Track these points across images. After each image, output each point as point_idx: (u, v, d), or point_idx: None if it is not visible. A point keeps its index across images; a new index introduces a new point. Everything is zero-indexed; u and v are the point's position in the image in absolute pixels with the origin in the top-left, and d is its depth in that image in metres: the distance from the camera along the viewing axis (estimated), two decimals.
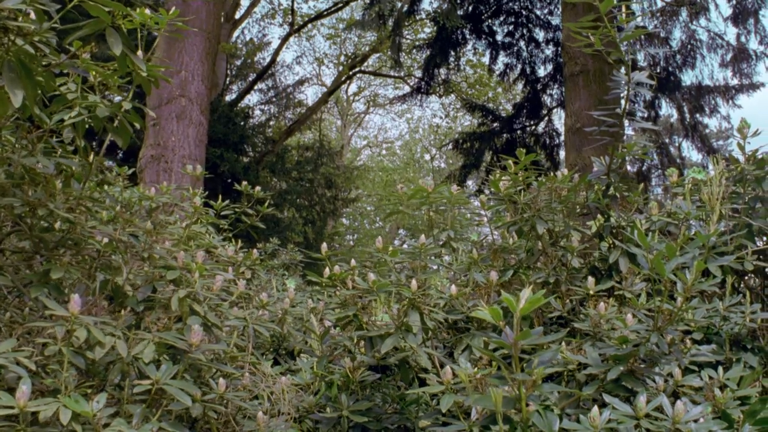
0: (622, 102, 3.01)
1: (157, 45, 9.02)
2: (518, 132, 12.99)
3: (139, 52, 2.13)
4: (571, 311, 2.48)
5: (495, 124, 12.99)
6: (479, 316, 1.32)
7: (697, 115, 12.08)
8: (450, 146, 13.14)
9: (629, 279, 2.49)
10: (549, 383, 1.53)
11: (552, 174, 2.69)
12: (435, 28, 12.04)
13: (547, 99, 12.86)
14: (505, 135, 12.91)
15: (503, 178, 2.67)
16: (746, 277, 2.97)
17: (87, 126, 2.37)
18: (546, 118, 12.95)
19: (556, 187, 2.70)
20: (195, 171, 8.66)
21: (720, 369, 2.35)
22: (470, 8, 12.08)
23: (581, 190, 2.74)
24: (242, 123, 14.87)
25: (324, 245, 2.72)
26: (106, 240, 2.14)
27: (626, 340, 1.96)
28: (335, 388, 2.21)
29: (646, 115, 12.55)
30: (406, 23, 15.43)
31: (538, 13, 12.47)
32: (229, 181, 14.66)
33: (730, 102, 11.91)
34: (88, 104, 2.16)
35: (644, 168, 12.22)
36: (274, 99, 18.96)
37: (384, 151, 27.13)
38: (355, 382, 2.41)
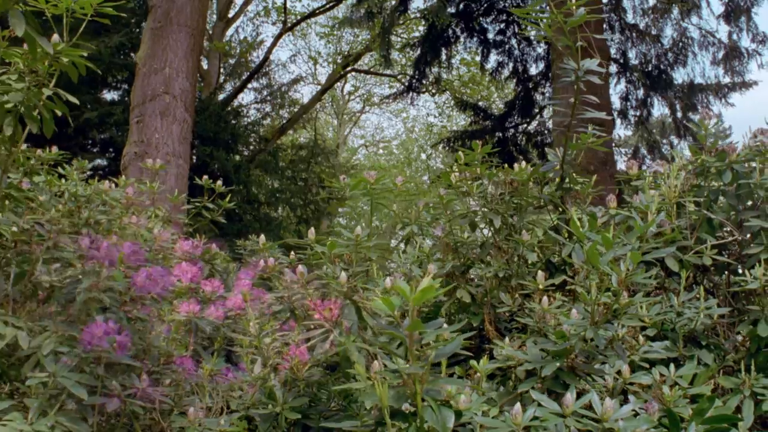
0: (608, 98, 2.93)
1: (142, 41, 8.98)
2: (510, 130, 12.91)
3: (55, 37, 2.05)
4: (522, 306, 2.40)
5: (487, 123, 12.92)
6: (374, 307, 1.25)
7: (690, 114, 12.00)
8: (441, 145, 13.05)
9: (582, 273, 2.42)
10: (449, 378, 1.45)
11: (506, 167, 2.62)
12: (426, 25, 11.97)
13: (539, 97, 12.78)
14: (497, 134, 12.84)
15: (455, 170, 2.60)
16: (711, 273, 2.89)
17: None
18: (538, 117, 12.88)
19: (512, 180, 2.63)
20: (179, 169, 8.63)
21: (672, 366, 2.28)
22: (461, 6, 12.00)
23: (541, 183, 2.67)
24: (233, 121, 14.80)
25: (311, 230, 2.65)
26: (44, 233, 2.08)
27: (564, 336, 1.89)
28: (270, 385, 2.14)
29: (638, 114, 12.49)
30: (399, 21, 15.38)
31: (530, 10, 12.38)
32: (223, 180, 14.61)
33: (723, 100, 11.83)
34: (4, 89, 2.08)
35: None
36: (268, 98, 18.90)
37: (381, 151, 27.06)
38: (301, 380, 2.34)
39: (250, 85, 18.45)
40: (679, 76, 11.58)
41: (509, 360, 2.08)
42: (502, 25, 12.52)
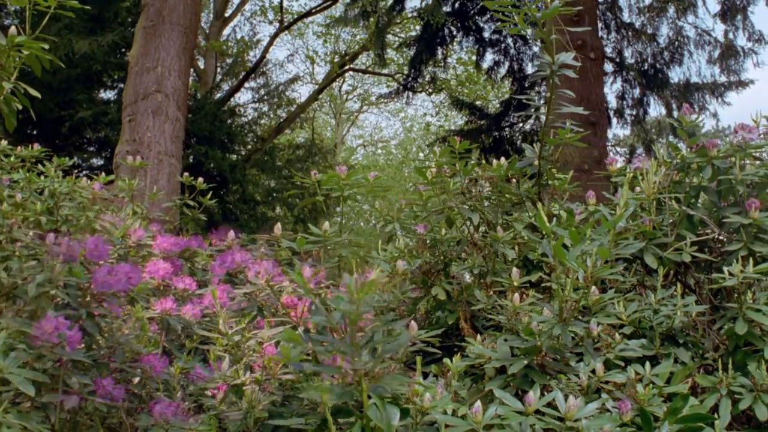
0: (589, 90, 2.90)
1: (135, 40, 8.95)
2: (506, 130, 12.87)
3: (12, 29, 2.01)
4: (496, 304, 2.37)
5: (482, 122, 12.88)
6: (322, 303, 1.22)
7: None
8: (437, 144, 13.00)
9: (558, 270, 2.38)
10: (398, 375, 1.42)
11: (484, 162, 2.58)
12: (421, 24, 11.93)
13: (535, 96, 12.73)
14: (493, 133, 12.80)
15: (431, 166, 2.57)
16: (693, 271, 2.85)
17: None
18: (534, 116, 12.83)
19: (491, 176, 2.60)
20: (171, 168, 8.59)
21: (647, 364, 2.25)
22: (457, 5, 11.97)
23: (518, 179, 2.63)
24: (229, 121, 14.77)
25: (278, 226, 2.62)
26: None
27: (532, 333, 1.85)
28: (240, 383, 2.10)
29: (634, 113, 12.45)
30: (397, 21, 15.34)
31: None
32: (218, 179, 14.58)
33: (720, 99, 11.79)
34: None
35: None
36: (266, 97, 18.86)
37: (380, 150, 27.02)
38: (274, 378, 2.31)
39: (247, 85, 18.42)
40: (675, 75, 11.57)
41: (480, 358, 2.05)
42: (498, 23, 12.48)
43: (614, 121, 12.49)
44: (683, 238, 2.60)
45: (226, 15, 16.88)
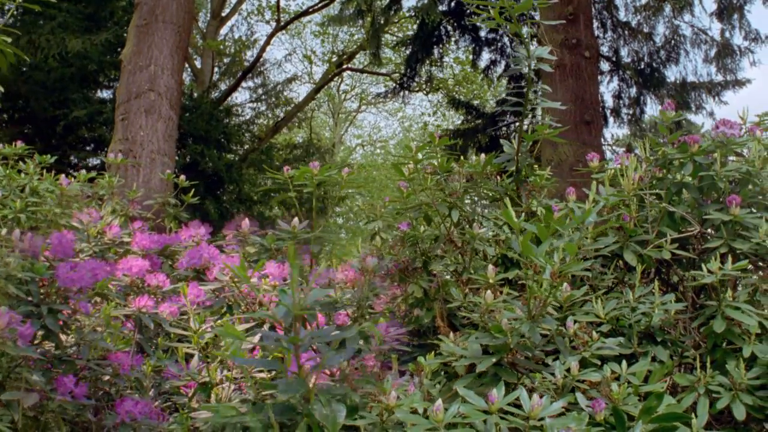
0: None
1: (128, 39, 8.92)
2: (503, 129, 12.83)
3: None
4: (469, 301, 2.33)
5: (479, 121, 12.84)
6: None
7: (683, 112, 11.91)
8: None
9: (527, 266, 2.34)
10: (369, 377, 1.39)
11: (462, 159, 2.55)
12: (417, 23, 11.90)
13: (531, 95, 12.67)
14: (489, 132, 12.76)
15: (408, 162, 2.53)
16: (675, 268, 2.82)
17: None
18: (531, 115, 12.78)
19: (468, 172, 2.57)
20: (164, 166, 8.56)
21: (624, 363, 2.21)
22: (452, 4, 11.93)
23: (496, 175, 2.60)
24: (226, 120, 14.75)
25: (245, 222, 2.58)
26: None
27: (501, 330, 1.82)
28: (208, 384, 2.07)
29: (631, 113, 12.41)
30: (395, 20, 15.31)
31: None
32: (214, 178, 14.56)
33: (716, 98, 11.75)
34: None
35: None
36: (263, 97, 18.83)
37: (379, 150, 26.97)
38: (248, 378, 2.28)
39: (245, 84, 18.40)
40: (672, 74, 11.51)
41: (453, 356, 2.01)
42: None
43: (611, 120, 12.45)
44: (664, 236, 2.57)
45: (223, 14, 16.86)
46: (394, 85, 14.23)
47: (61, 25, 10.50)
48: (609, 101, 12.25)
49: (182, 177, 3.58)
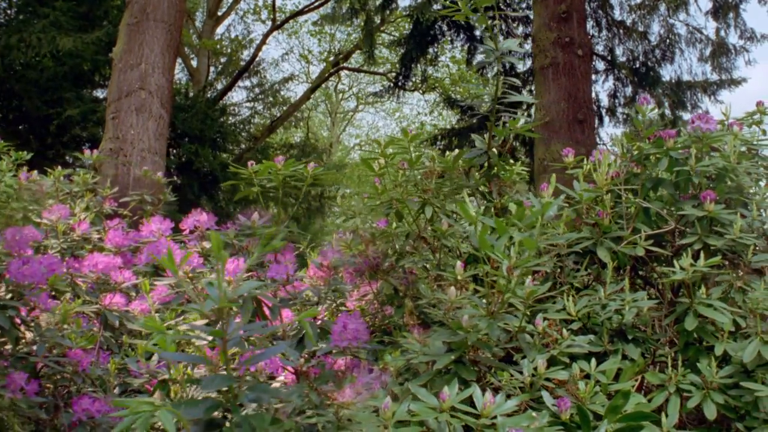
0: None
1: (119, 37, 8.89)
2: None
3: None
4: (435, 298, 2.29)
5: (474, 120, 12.79)
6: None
7: (678, 111, 11.87)
8: (428, 143, 12.92)
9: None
10: (266, 383, 1.35)
11: (433, 154, 2.51)
12: (411, 22, 11.85)
13: (526, 94, 12.64)
14: (485, 131, 12.71)
15: (378, 158, 2.49)
16: (652, 265, 2.78)
17: None
18: (525, 114, 12.75)
19: (439, 168, 2.52)
20: (155, 165, 8.52)
21: (593, 361, 2.17)
22: (447, 2, 11.88)
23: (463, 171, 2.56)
24: (221, 119, 14.71)
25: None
26: None
27: (461, 327, 1.78)
28: (166, 381, 2.03)
29: (627, 112, 12.36)
30: (390, 19, 15.27)
31: (516, 7, 12.27)
32: (209, 177, 14.52)
33: (712, 97, 11.70)
34: None
35: None
36: (260, 96, 18.79)
37: (377, 150, 26.87)
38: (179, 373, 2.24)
39: (241, 84, 18.36)
40: (667, 73, 11.46)
41: (416, 354, 1.97)
42: (489, 22, 12.39)
43: (606, 119, 12.41)
44: (640, 232, 2.52)
45: (219, 14, 16.82)
46: (389, 84, 14.19)
47: (53, 23, 10.46)
48: (604, 100, 12.21)
49: (159, 174, 3.53)
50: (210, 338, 1.17)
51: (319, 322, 2.28)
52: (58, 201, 3.33)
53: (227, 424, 1.11)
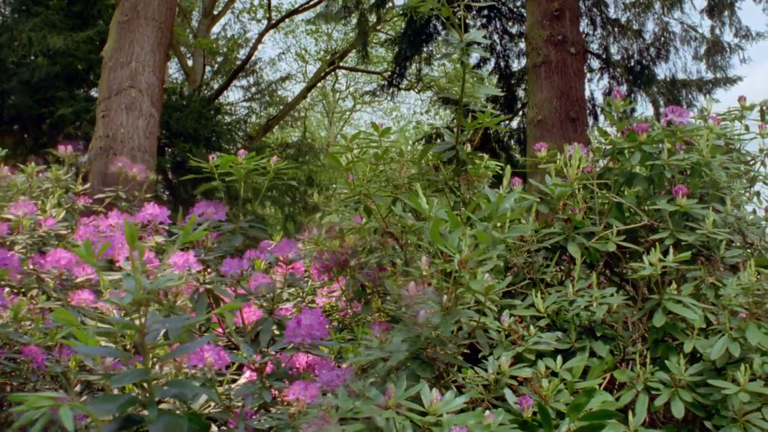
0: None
1: (109, 35, 8.85)
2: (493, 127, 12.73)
3: None
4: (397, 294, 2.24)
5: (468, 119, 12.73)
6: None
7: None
8: (423, 141, 12.88)
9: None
10: (186, 380, 1.30)
11: (401, 149, 2.47)
12: (405, 21, 11.81)
13: (521, 93, 12.60)
14: (479, 130, 12.65)
15: (345, 153, 2.45)
16: (625, 261, 2.73)
17: None
18: (521, 113, 12.70)
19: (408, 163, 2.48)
20: (145, 163, 8.48)
21: (559, 358, 2.13)
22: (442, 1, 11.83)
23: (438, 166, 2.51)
24: (216, 118, 14.66)
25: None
26: None
27: (416, 323, 1.73)
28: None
29: (622, 111, 12.29)
30: (387, 18, 15.22)
31: (511, 6, 12.23)
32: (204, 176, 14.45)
33: (708, 96, 11.64)
34: None
35: None
36: (257, 95, 18.74)
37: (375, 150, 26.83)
38: (180, 372, 2.20)
39: (238, 83, 18.32)
40: (661, 71, 11.41)
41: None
42: (484, 20, 12.35)
43: (601, 118, 12.35)
44: (612, 227, 2.48)
45: (215, 13, 16.78)
46: (384, 83, 14.16)
47: (44, 22, 10.42)
48: (599, 99, 12.15)
49: (135, 171, 3.49)
50: (127, 330, 1.13)
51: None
52: (30, 197, 3.29)
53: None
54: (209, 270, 1.96)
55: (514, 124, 12.76)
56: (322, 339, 1.87)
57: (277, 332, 1.99)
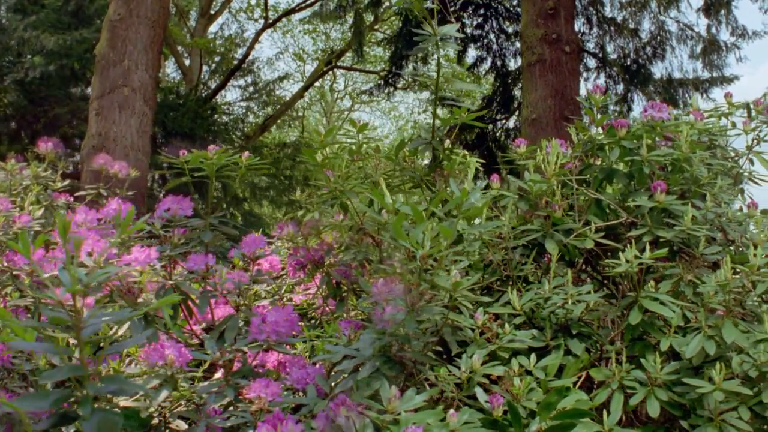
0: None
1: (102, 33, 8.82)
2: (489, 126, 12.71)
3: None
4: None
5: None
6: None
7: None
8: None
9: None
10: (118, 376, 1.27)
11: (377, 145, 2.43)
12: (401, 20, 11.78)
13: (518, 92, 12.57)
14: (475, 129, 12.63)
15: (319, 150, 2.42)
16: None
17: None
18: (517, 112, 12.67)
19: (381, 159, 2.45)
20: (138, 162, 8.46)
21: (533, 356, 2.09)
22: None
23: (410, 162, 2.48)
24: (213, 118, 14.66)
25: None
26: None
27: (382, 321, 1.70)
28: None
29: (618, 110, 12.27)
30: (384, 18, 15.19)
31: (508, 5, 12.20)
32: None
33: (704, 95, 11.61)
34: None
35: None
36: (255, 95, 18.72)
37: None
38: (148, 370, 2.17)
39: (236, 83, 18.30)
40: (658, 70, 11.36)
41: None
42: (480, 20, 12.33)
43: (597, 116, 12.30)
44: (591, 224, 2.45)
45: (212, 12, 16.76)
46: (381, 82, 14.13)
47: (38, 21, 10.41)
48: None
49: (117, 168, 3.46)
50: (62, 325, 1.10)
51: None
52: (9, 195, 3.27)
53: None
54: (176, 266, 1.93)
55: (511, 123, 12.73)
56: (291, 336, 1.84)
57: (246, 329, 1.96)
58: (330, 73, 18.29)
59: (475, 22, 12.32)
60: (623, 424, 2.15)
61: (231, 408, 1.84)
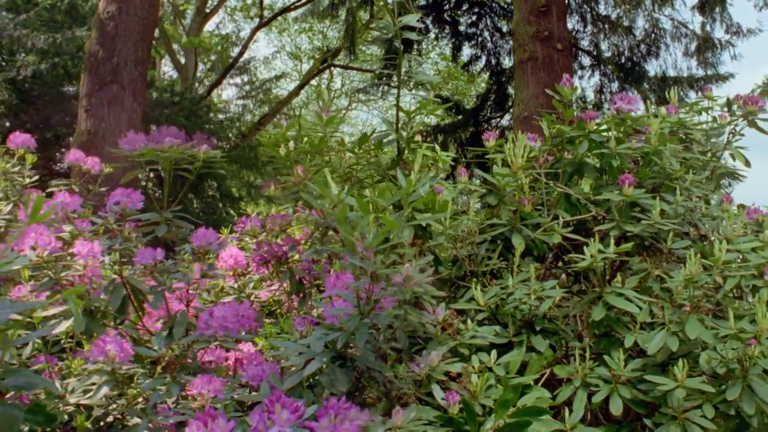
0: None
1: (92, 31, 8.78)
2: (484, 124, 12.65)
3: None
4: None
5: (459, 117, 12.66)
6: None
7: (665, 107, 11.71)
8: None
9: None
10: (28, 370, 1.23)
11: (342, 140, 2.39)
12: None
13: (512, 90, 12.50)
14: (470, 128, 12.58)
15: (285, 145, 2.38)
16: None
17: None
18: (511, 110, 12.61)
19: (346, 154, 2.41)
20: (127, 158, 8.41)
21: (494, 353, 2.05)
22: None
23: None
24: (209, 116, 14.60)
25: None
26: None
27: (331, 326, 1.66)
28: (39, 371, 1.93)
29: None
30: (380, 15, 15.11)
31: (502, 3, 12.15)
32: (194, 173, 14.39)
33: (699, 93, 11.53)
34: None
35: None
36: (252, 93, 18.66)
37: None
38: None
39: (232, 81, 18.24)
40: (652, 68, 11.31)
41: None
42: (475, 18, 12.27)
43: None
44: (560, 219, 2.40)
45: (207, 11, 16.71)
46: (373, 80, 14.07)
47: (30, 20, 10.37)
48: (590, 96, 12.06)
49: (89, 163, 3.42)
50: None
51: None
52: None
53: None
54: (125, 260, 1.89)
55: (506, 121, 12.68)
56: (249, 332, 1.80)
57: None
58: (327, 71, 18.23)
59: (469, 21, 12.27)
60: (588, 422, 2.10)
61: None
